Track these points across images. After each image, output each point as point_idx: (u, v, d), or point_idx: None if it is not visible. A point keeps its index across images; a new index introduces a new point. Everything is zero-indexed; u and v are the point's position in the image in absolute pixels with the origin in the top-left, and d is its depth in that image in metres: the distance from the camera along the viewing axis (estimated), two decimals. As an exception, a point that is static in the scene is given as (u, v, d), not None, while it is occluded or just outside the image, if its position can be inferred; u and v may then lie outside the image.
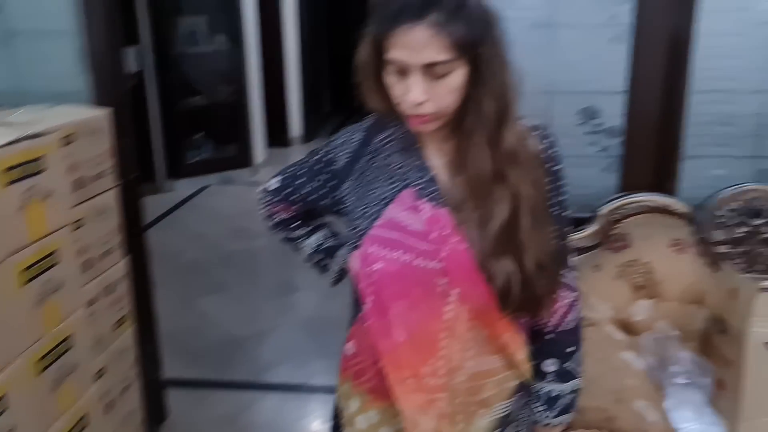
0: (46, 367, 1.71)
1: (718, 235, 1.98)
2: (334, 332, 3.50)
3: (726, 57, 2.00)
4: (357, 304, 1.22)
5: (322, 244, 1.37)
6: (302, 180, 1.27)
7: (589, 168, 2.17)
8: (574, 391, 1.24)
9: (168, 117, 5.83)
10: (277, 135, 7.40)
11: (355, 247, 1.17)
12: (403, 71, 1.02)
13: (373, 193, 1.15)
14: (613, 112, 2.10)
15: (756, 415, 1.70)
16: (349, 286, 1.28)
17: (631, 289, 1.98)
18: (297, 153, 7.60)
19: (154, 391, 2.58)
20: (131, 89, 5.35)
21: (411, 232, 1.11)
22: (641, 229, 2.01)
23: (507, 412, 1.20)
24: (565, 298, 1.20)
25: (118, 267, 2.19)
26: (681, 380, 1.81)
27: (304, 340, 3.38)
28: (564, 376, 1.23)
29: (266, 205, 1.36)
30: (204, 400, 2.88)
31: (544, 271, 1.10)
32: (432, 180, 1.13)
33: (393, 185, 1.14)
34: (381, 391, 1.18)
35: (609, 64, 2.07)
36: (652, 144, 2.08)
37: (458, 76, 1.02)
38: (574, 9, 2.05)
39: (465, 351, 1.14)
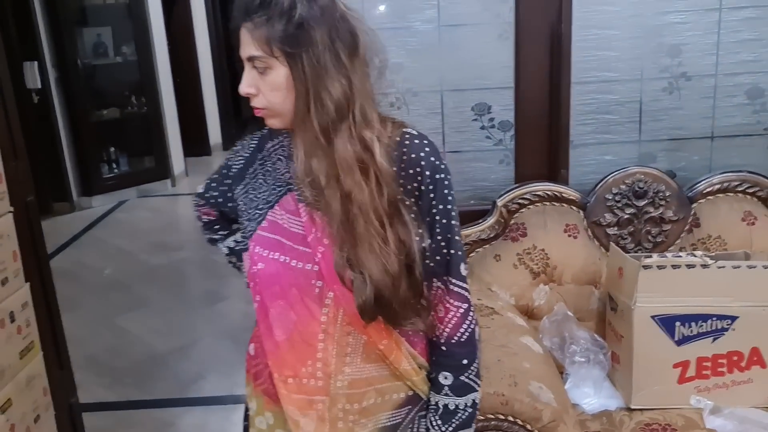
0: (-59, 405, 1.65)
1: (608, 217, 2.09)
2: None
3: (601, 49, 2.11)
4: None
5: (235, 246, 1.41)
6: (214, 185, 1.36)
7: (486, 161, 2.25)
8: (473, 405, 1.20)
9: (77, 132, 5.67)
10: (196, 144, 7.29)
11: (245, 250, 1.21)
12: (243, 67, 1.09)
13: (261, 196, 1.19)
14: (505, 107, 2.18)
15: (646, 384, 1.81)
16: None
17: (530, 276, 2.07)
18: (217, 161, 7.50)
19: (71, 416, 2.52)
20: (36, 106, 5.20)
21: (291, 234, 1.14)
22: (537, 217, 2.09)
23: (393, 423, 1.20)
24: (456, 309, 1.17)
25: (19, 294, 2.12)
26: (580, 358, 1.91)
27: (228, 351, 3.35)
28: (460, 389, 1.19)
29: (196, 207, 1.45)
30: (125, 421, 2.82)
31: (394, 279, 1.08)
32: (312, 184, 1.12)
33: (278, 189, 1.18)
34: (274, 395, 1.20)
35: (497, 60, 2.15)
36: (542, 135, 2.18)
37: (279, 75, 1.06)
38: (461, 9, 2.12)
39: (343, 356, 1.14)
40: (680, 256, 1.79)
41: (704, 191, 2.09)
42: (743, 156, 2.19)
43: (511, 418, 1.50)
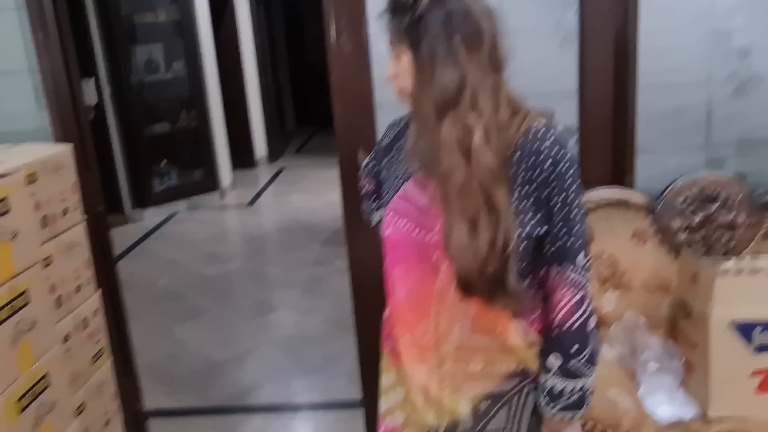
0: (25, 407, 1.70)
1: (677, 223, 2.05)
2: (313, 349, 3.56)
3: (669, 52, 2.07)
4: None
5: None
6: (374, 155, 1.49)
7: (549, 168, 2.22)
8: (582, 390, 1.24)
9: (131, 147, 5.81)
10: (242, 157, 7.41)
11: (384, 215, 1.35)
12: None
13: (401, 169, 1.32)
14: (569, 112, 2.16)
15: (723, 393, 1.76)
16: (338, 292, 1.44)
17: (598, 282, 2.04)
18: (263, 174, 7.62)
19: (136, 423, 2.57)
20: (92, 121, 5.34)
21: (418, 206, 1.26)
22: (603, 222, 2.06)
23: (499, 391, 1.28)
24: (571, 296, 1.21)
25: (91, 301, 2.19)
26: (652, 366, 1.87)
27: (284, 360, 3.38)
28: (567, 373, 1.23)
29: (360, 178, 1.58)
30: (186, 427, 2.86)
31: (481, 262, 1.14)
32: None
33: (414, 163, 1.28)
34: (397, 354, 1.34)
35: (561, 66, 2.13)
36: (607, 140, 2.15)
37: (405, 60, 1.20)
38: (522, 15, 2.11)
39: (452, 322, 1.25)
40: (758, 261, 1.74)
41: (777, 195, 2.04)
42: (817, 160, 2.13)
43: (591, 423, 1.48)
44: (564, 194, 1.19)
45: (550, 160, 1.17)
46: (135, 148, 5.83)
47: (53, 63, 2.18)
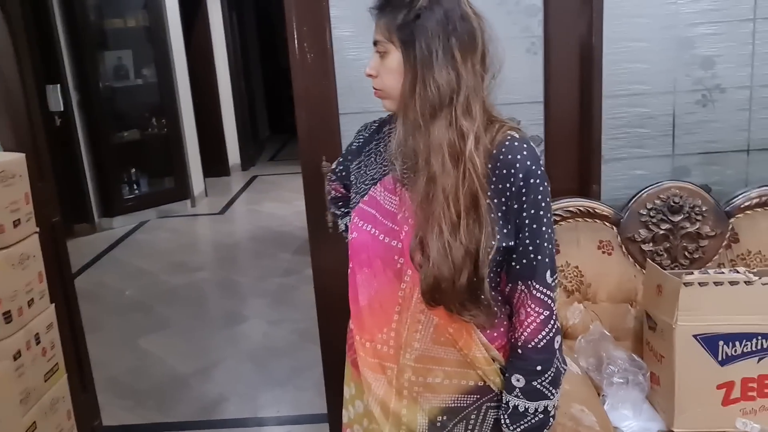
0: (-33, 429, 1.63)
1: (642, 233, 2.04)
2: (281, 361, 3.49)
3: (633, 61, 2.07)
4: None
5: None
6: (341, 160, 1.47)
7: (515, 177, 2.20)
8: (545, 411, 1.22)
9: (99, 154, 5.70)
10: (215, 164, 7.33)
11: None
12: None
13: (369, 173, 1.30)
14: (534, 121, 2.14)
15: (689, 406, 1.74)
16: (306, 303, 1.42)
17: (564, 294, 2.02)
18: (236, 181, 7.54)
19: (94, 440, 2.49)
20: (58, 128, 5.24)
21: (384, 210, 1.24)
22: (569, 233, 2.04)
23: (458, 406, 1.25)
24: (537, 314, 1.20)
25: (45, 315, 2.11)
26: (618, 379, 1.84)
27: (251, 372, 3.32)
28: (531, 393, 1.21)
29: (328, 182, 1.56)
30: (149, 444, 2.79)
31: (455, 270, 1.12)
32: (412, 168, 1.20)
33: (383, 168, 1.27)
34: (357, 365, 1.33)
35: (526, 74, 2.11)
36: (573, 149, 2.13)
37: (394, 60, 1.16)
38: (489, 23, 2.09)
39: (414, 331, 1.23)
40: (722, 273, 1.72)
41: (742, 206, 2.04)
42: (781, 170, 2.13)
43: (553, 441, 1.44)
44: (534, 210, 1.17)
45: (523, 174, 1.15)
46: (103, 155, 5.72)
47: (6, 70, 2.11)
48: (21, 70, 2.13)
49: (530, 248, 1.18)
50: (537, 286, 1.19)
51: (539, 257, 1.19)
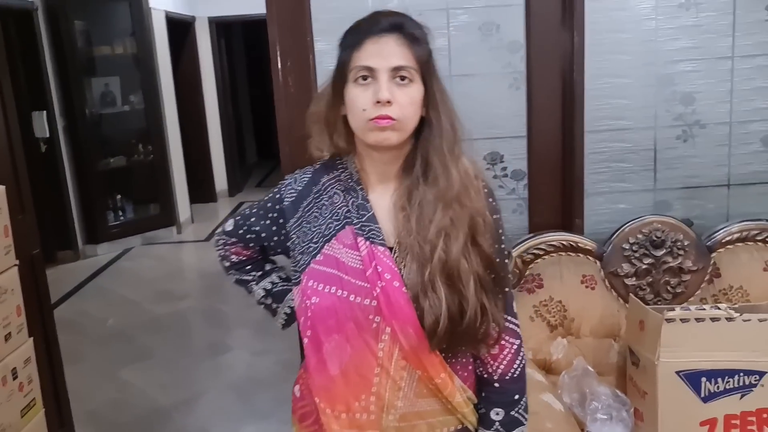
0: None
1: (625, 267, 2.04)
2: (264, 393, 3.45)
3: (614, 97, 2.09)
4: (302, 345, 1.26)
5: (272, 288, 1.40)
6: (254, 219, 1.32)
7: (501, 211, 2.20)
8: None
9: (84, 181, 5.67)
10: (202, 191, 7.31)
11: (297, 283, 1.22)
12: (371, 77, 1.12)
13: (316, 229, 1.21)
14: (517, 156, 2.16)
15: (672, 444, 1.73)
16: (290, 333, 1.37)
17: (547, 329, 2.01)
18: (223, 208, 7.51)
19: (71, 477, 2.44)
20: (43, 155, 5.21)
21: (348, 268, 1.16)
22: (552, 268, 2.04)
23: None
24: (511, 345, 1.22)
25: (22, 350, 2.08)
26: (602, 415, 1.83)
27: (233, 404, 3.27)
28: (510, 424, 1.23)
29: (222, 246, 1.40)
30: (128, 480, 2.73)
31: (478, 304, 1.12)
32: (372, 219, 1.18)
33: (335, 223, 1.20)
34: None
35: (509, 109, 2.13)
36: (555, 184, 2.14)
37: (417, 90, 1.13)
38: (472, 59, 2.11)
39: (397, 390, 1.16)
40: (704, 309, 1.73)
41: (723, 240, 2.05)
42: (761, 204, 2.15)
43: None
44: (497, 244, 1.19)
45: (493, 208, 1.19)
46: (88, 181, 5.69)
47: (-12, 101, 2.10)
48: (2, 101, 2.12)
49: (501, 280, 1.18)
50: (508, 318, 1.21)
51: (506, 289, 1.21)
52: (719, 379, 1.72)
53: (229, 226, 1.37)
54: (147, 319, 4.42)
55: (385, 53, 1.11)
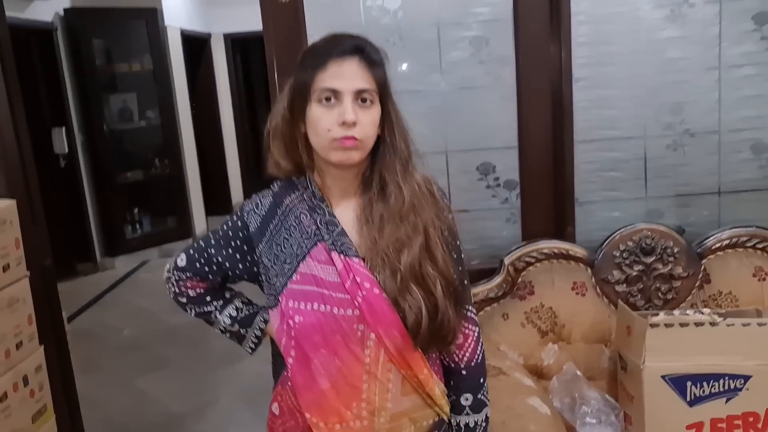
0: (-50, 470, 1.67)
1: (616, 274, 2.08)
2: (273, 401, 3.47)
3: (603, 108, 2.13)
4: (277, 364, 1.32)
5: (237, 314, 1.40)
6: (213, 251, 1.33)
7: (493, 220, 2.26)
8: (486, 418, 1.34)
9: (102, 195, 5.81)
10: (219, 204, 7.42)
11: (274, 306, 1.26)
12: (335, 99, 1.17)
13: (288, 250, 1.24)
14: (509, 166, 2.21)
15: (659, 447, 1.76)
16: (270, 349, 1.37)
17: (538, 335, 2.05)
18: (239, 219, 7.60)
19: (82, 481, 2.52)
20: (63, 170, 5.36)
21: (327, 283, 1.21)
22: (544, 275, 2.09)
23: None
24: (473, 333, 1.32)
25: (34, 357, 2.16)
26: (591, 419, 1.87)
27: (244, 412, 3.34)
28: (477, 406, 1.33)
29: (176, 283, 1.38)
30: (138, 484, 2.81)
31: (450, 298, 1.21)
32: (342, 233, 1.23)
33: (306, 242, 1.23)
34: None
35: (501, 121, 2.18)
36: (547, 193, 2.19)
37: (377, 111, 1.19)
38: (465, 72, 2.17)
39: (385, 392, 1.22)
40: (687, 314, 1.76)
41: (713, 247, 2.08)
42: (752, 211, 2.17)
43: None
44: (455, 240, 1.30)
45: (446, 206, 1.30)
46: (107, 196, 5.84)
47: (3, 118, 2.20)
48: (14, 117, 2.22)
49: (460, 277, 1.28)
50: (468, 307, 1.32)
51: (465, 282, 1.31)
52: (704, 383, 1.75)
53: (182, 261, 1.36)
54: (162, 329, 4.51)
55: (348, 75, 1.16)
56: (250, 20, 6.95)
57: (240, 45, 8.04)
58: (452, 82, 2.16)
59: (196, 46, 7.09)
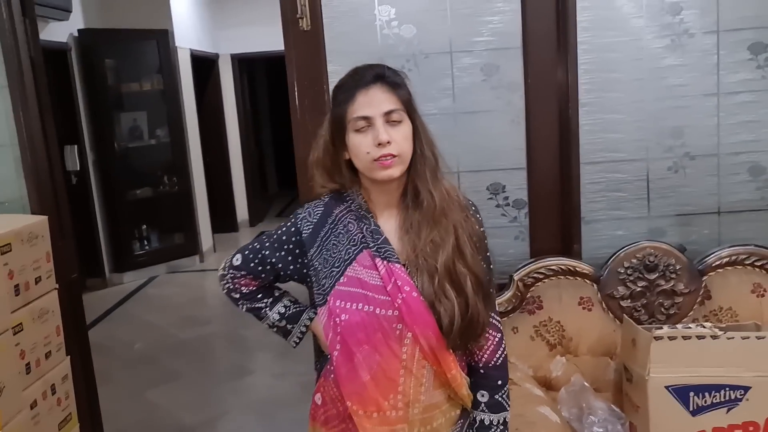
0: (-12, 473, 1.74)
1: (621, 290, 2.17)
2: (284, 413, 3.59)
3: (608, 131, 2.24)
4: (320, 359, 1.47)
5: (286, 311, 1.53)
6: (268, 252, 1.46)
7: (503, 238, 2.35)
8: (504, 423, 1.45)
9: (112, 211, 5.91)
10: (224, 220, 7.52)
11: (322, 304, 1.40)
12: (367, 124, 1.31)
13: (337, 255, 1.38)
14: (518, 186, 2.31)
15: (663, 455, 1.84)
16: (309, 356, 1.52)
17: (547, 348, 2.14)
18: (244, 237, 7.70)
19: (103, 489, 2.59)
20: (74, 186, 5.46)
21: (371, 286, 1.35)
22: (552, 290, 2.18)
23: None
24: (493, 337, 1.43)
25: (61, 367, 2.25)
26: (598, 429, 1.95)
27: (254, 424, 3.41)
28: (494, 407, 1.44)
29: (231, 280, 1.51)
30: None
31: (479, 294, 1.34)
32: (385, 241, 1.37)
33: (353, 248, 1.38)
34: None
35: (510, 143, 2.29)
36: (554, 212, 2.29)
37: (407, 127, 1.33)
38: (475, 97, 2.27)
39: (419, 386, 1.36)
40: (690, 328, 1.85)
41: (714, 264, 2.17)
42: (750, 230, 2.27)
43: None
44: (485, 251, 1.44)
45: (478, 220, 1.44)
46: (116, 212, 5.94)
47: (32, 137, 2.30)
48: (45, 133, 2.32)
49: (491, 279, 1.43)
50: (492, 314, 1.43)
51: (492, 290, 1.44)
52: (706, 394, 1.84)
53: (237, 260, 1.49)
54: (172, 343, 4.59)
55: (375, 102, 1.31)
56: (257, 41, 7.21)
57: (247, 65, 8.19)
58: (464, 106, 2.27)
59: (204, 66, 7.23)
